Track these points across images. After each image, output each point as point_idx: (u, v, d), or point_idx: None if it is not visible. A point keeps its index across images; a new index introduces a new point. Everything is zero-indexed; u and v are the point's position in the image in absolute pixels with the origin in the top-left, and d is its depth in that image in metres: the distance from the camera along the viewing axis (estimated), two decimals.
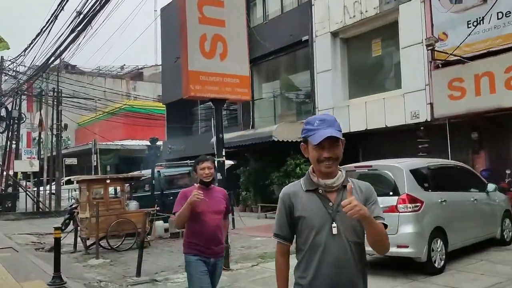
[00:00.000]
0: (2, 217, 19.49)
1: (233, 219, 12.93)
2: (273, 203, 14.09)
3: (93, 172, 22.64)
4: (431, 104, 11.97)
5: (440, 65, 11.86)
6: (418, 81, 12.30)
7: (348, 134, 12.70)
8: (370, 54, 14.61)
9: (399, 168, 6.91)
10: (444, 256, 6.74)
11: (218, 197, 4.06)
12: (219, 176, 7.43)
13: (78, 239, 10.59)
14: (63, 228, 15.20)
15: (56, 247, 6.78)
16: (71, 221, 15.17)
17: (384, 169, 7.15)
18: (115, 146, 28.06)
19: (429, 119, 12.05)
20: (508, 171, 11.15)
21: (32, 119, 40.84)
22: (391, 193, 6.65)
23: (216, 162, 7.74)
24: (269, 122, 17.90)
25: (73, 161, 23.08)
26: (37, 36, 15.83)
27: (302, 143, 2.25)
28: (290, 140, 15.17)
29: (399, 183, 6.70)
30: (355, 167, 7.19)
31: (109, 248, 10.16)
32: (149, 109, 29.81)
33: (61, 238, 7.14)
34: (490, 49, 10.90)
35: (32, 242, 12.12)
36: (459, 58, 11.27)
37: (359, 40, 14.78)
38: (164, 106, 26.18)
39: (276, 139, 14.82)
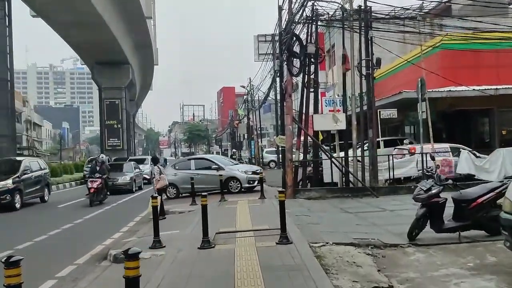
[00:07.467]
0: (302, 194, 13.83)
1: None
2: None
3: (421, 130, 14.56)
4: None
5: None
6: None
7: None
8: None
9: None
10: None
11: None
12: None
13: None
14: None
15: None
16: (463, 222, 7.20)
17: None
18: (439, 94, 19.15)
19: None
20: None
21: (325, 78, 36.09)
22: None
23: None
24: None
25: (392, 113, 15.32)
26: None
27: None
28: None
29: None
30: None
31: None
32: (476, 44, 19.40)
33: None
34: None
35: (374, 282, 4.86)
36: None
37: None
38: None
39: None
